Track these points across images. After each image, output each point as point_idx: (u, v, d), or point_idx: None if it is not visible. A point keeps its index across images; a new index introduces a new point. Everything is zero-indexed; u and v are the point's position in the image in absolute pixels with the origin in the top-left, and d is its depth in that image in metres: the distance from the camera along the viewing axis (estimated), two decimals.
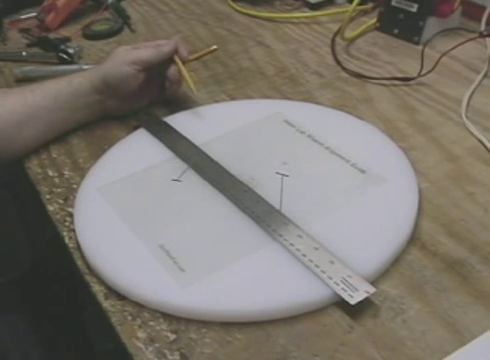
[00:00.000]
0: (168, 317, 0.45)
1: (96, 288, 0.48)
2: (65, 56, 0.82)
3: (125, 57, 0.65)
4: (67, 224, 0.55)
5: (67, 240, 0.54)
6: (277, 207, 0.52)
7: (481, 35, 0.74)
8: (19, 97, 0.65)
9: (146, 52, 0.66)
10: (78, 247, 0.52)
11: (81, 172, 0.61)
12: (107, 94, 0.66)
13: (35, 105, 0.64)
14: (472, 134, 0.61)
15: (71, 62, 0.82)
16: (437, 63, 0.69)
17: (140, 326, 0.45)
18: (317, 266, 0.45)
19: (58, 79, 0.67)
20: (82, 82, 0.66)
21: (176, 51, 0.68)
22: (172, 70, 0.67)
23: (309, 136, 0.61)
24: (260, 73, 0.76)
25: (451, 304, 0.44)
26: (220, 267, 0.47)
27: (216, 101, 0.71)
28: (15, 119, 0.63)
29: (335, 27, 0.84)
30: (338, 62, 0.76)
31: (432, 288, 0.45)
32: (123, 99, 0.67)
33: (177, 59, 0.68)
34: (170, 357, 0.42)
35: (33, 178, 0.62)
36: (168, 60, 0.67)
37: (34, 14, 0.95)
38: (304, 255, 0.46)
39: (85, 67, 0.78)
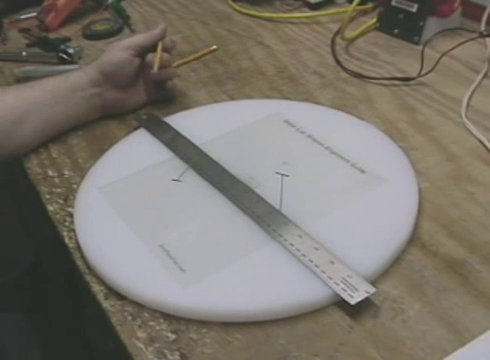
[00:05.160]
0: (168, 317, 0.45)
1: (96, 288, 0.48)
2: (65, 56, 0.82)
3: (118, 44, 0.68)
4: (67, 224, 0.55)
5: (67, 240, 0.54)
6: (277, 207, 0.52)
7: (481, 35, 0.74)
8: (18, 93, 0.65)
9: (137, 37, 0.69)
10: (78, 247, 0.52)
11: (81, 172, 0.61)
12: (105, 85, 0.67)
13: (34, 101, 0.64)
14: (472, 134, 0.61)
15: (71, 62, 0.82)
16: (437, 63, 0.69)
17: (140, 326, 0.45)
18: (317, 266, 0.45)
19: (57, 76, 0.67)
20: (79, 76, 0.66)
21: (163, 37, 0.69)
22: (150, 55, 0.68)
23: (309, 136, 0.61)
24: (260, 73, 0.76)
25: (451, 304, 0.44)
26: (220, 267, 0.47)
27: (216, 101, 0.71)
28: (14, 115, 0.63)
29: (335, 27, 0.84)
30: (338, 62, 0.76)
31: (432, 288, 0.45)
32: (121, 89, 0.68)
33: (159, 45, 0.69)
34: (170, 357, 0.42)
35: (33, 178, 0.62)
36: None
37: (34, 14, 0.95)
38: (304, 255, 0.46)
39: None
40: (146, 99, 0.71)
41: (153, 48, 0.68)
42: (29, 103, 0.64)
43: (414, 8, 0.77)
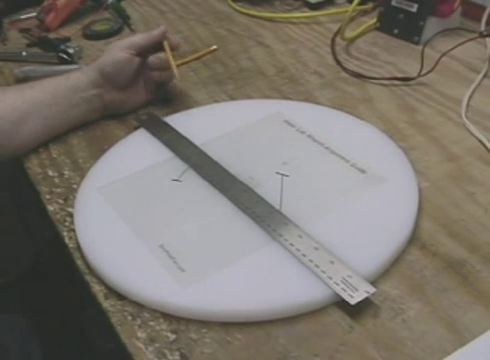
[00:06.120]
0: (168, 317, 0.45)
1: (96, 288, 0.48)
2: (65, 56, 0.82)
3: (118, 44, 0.68)
4: (67, 224, 0.55)
5: (67, 240, 0.54)
6: (277, 207, 0.52)
7: (481, 35, 0.74)
8: (19, 93, 0.65)
9: (137, 36, 0.69)
10: (78, 247, 0.52)
11: (81, 172, 0.61)
12: (105, 86, 0.67)
13: (34, 101, 0.64)
14: (472, 134, 0.61)
15: (71, 62, 0.82)
16: (437, 63, 0.69)
17: (140, 326, 0.45)
18: (317, 266, 0.45)
19: (57, 76, 0.67)
20: (80, 77, 0.66)
21: (166, 37, 0.69)
22: (151, 57, 0.68)
23: (309, 136, 0.61)
24: (260, 73, 0.76)
25: (451, 304, 0.44)
26: (220, 267, 0.47)
27: (216, 101, 0.71)
28: (14, 115, 0.63)
29: (335, 27, 0.84)
30: (338, 62, 0.76)
31: (432, 288, 0.45)
32: (121, 90, 0.68)
33: (166, 44, 0.69)
34: (170, 357, 0.42)
35: (33, 178, 0.62)
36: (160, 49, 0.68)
37: (34, 14, 0.95)
38: (304, 255, 0.46)
39: (85, 67, 0.78)
40: (146, 99, 0.71)
41: (154, 48, 0.68)
42: (29, 103, 0.64)
43: (414, 8, 0.77)
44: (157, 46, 0.68)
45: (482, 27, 0.77)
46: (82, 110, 0.67)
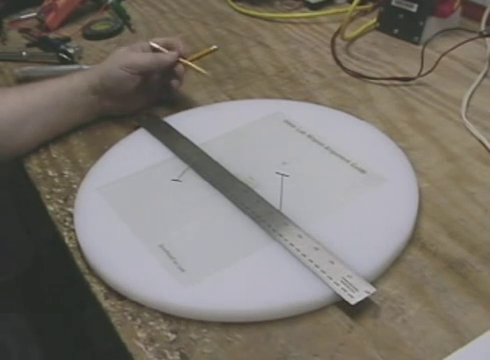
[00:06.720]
0: (168, 317, 0.45)
1: (96, 288, 0.48)
2: (65, 56, 0.82)
3: (121, 60, 0.65)
4: (67, 224, 0.55)
5: (67, 240, 0.54)
6: (277, 207, 0.52)
7: (481, 35, 0.74)
8: (19, 95, 0.65)
9: (143, 57, 0.66)
10: (78, 247, 0.52)
11: (81, 172, 0.61)
12: (104, 95, 0.66)
13: (34, 103, 0.64)
14: (472, 134, 0.61)
15: (71, 62, 0.82)
16: (437, 63, 0.69)
17: (140, 326, 0.45)
18: (317, 266, 0.45)
19: (59, 78, 0.67)
20: (81, 81, 0.66)
21: (179, 56, 0.68)
22: (179, 67, 0.68)
23: (309, 136, 0.61)
24: (260, 73, 0.76)
25: (451, 304, 0.44)
26: (220, 267, 0.47)
27: (216, 101, 0.71)
28: (15, 117, 0.63)
29: (335, 27, 0.84)
30: (338, 62, 0.76)
31: (432, 288, 0.45)
32: (120, 100, 0.67)
33: (181, 58, 0.68)
34: (170, 357, 0.42)
35: (33, 178, 0.62)
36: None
37: (34, 14, 0.95)
38: (304, 255, 0.46)
39: (85, 67, 0.78)
40: (147, 103, 0.70)
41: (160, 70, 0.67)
42: (29, 105, 0.64)
43: (414, 8, 0.77)
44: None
45: (482, 27, 0.77)
46: (82, 112, 0.67)
